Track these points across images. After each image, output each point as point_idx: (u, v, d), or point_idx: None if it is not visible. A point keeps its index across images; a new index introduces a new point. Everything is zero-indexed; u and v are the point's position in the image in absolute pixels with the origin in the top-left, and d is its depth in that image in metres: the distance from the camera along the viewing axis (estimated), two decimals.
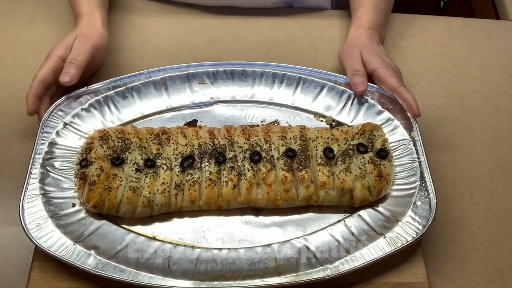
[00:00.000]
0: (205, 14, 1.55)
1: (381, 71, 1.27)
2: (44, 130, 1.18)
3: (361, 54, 1.31)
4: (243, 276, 1.04)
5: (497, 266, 1.14)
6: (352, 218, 1.13)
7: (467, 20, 1.62)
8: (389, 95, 1.27)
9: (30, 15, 1.52)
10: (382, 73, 1.27)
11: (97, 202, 1.08)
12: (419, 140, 1.20)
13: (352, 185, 1.12)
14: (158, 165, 1.13)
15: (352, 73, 1.28)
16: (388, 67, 1.28)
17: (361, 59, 1.30)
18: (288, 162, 1.14)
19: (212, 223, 1.13)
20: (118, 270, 1.03)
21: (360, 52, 1.31)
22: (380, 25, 1.41)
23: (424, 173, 1.15)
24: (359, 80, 1.27)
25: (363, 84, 1.26)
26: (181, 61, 1.34)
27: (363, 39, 1.35)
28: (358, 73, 1.28)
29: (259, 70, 1.32)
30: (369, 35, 1.36)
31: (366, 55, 1.31)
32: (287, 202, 1.12)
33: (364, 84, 1.26)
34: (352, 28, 1.40)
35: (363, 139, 1.17)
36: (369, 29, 1.38)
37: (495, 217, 1.21)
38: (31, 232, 1.05)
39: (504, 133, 1.35)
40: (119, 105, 1.26)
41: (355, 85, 1.27)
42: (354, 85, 1.27)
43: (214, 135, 1.17)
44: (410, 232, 1.08)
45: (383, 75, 1.27)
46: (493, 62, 1.49)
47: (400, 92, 1.24)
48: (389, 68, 1.28)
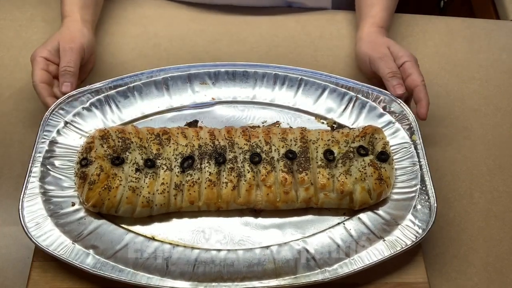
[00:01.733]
0: (205, 14, 1.55)
1: (409, 64, 1.27)
2: (45, 128, 1.18)
3: (389, 49, 1.31)
4: (241, 278, 1.04)
5: (497, 266, 1.14)
6: (351, 221, 1.13)
7: (467, 20, 1.62)
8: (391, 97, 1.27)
9: (30, 15, 1.52)
10: (410, 66, 1.27)
11: (96, 202, 1.08)
12: (420, 144, 1.19)
13: (352, 188, 1.12)
14: (158, 165, 1.13)
15: (390, 76, 1.27)
16: (417, 63, 1.29)
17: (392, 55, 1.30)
18: (288, 164, 1.13)
19: (211, 224, 1.12)
20: (117, 270, 1.03)
21: (388, 48, 1.31)
22: (389, 26, 1.42)
23: (425, 177, 1.15)
24: (398, 82, 1.26)
25: (402, 87, 1.26)
26: (181, 61, 1.34)
27: (382, 35, 1.36)
28: (396, 75, 1.27)
29: (261, 71, 1.32)
30: (384, 33, 1.37)
31: (395, 49, 1.31)
32: (286, 204, 1.12)
33: (403, 86, 1.26)
34: (366, 25, 1.39)
35: (363, 142, 1.17)
36: (382, 28, 1.38)
37: (495, 217, 1.21)
38: (30, 231, 1.05)
39: (504, 133, 1.35)
40: (120, 104, 1.26)
41: (395, 88, 1.26)
42: (394, 88, 1.26)
43: (215, 136, 1.17)
44: (409, 236, 1.08)
45: (411, 68, 1.26)
46: (493, 62, 1.50)
47: (420, 90, 1.24)
48: (416, 63, 1.28)
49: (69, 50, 1.25)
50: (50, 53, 1.25)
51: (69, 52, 1.25)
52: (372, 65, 1.31)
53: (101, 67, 1.40)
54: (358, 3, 1.47)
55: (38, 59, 1.24)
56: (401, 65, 1.28)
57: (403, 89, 1.26)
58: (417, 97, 1.24)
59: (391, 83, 1.26)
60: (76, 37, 1.29)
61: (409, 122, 1.23)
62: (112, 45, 1.46)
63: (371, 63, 1.32)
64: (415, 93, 1.25)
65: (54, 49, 1.26)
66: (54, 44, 1.26)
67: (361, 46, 1.36)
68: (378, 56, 1.30)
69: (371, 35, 1.37)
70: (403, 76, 1.28)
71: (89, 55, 1.32)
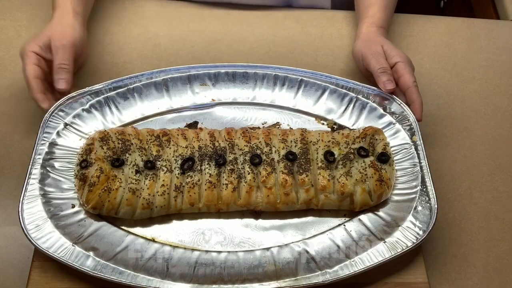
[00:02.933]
0: (205, 14, 1.54)
1: (401, 65, 1.27)
2: (45, 130, 1.18)
3: (382, 48, 1.31)
4: (241, 280, 1.04)
5: (497, 266, 1.15)
6: (352, 223, 1.13)
7: (467, 20, 1.62)
8: (388, 97, 1.27)
9: (30, 15, 1.51)
10: (402, 67, 1.27)
11: (96, 203, 1.08)
12: (421, 145, 1.19)
13: (352, 189, 1.12)
14: (158, 167, 1.13)
15: (380, 71, 1.27)
16: (409, 63, 1.29)
17: (384, 54, 1.30)
18: (288, 165, 1.13)
19: (211, 226, 1.12)
20: (117, 272, 1.03)
21: (382, 46, 1.32)
22: (388, 25, 1.42)
23: (425, 178, 1.15)
24: (388, 78, 1.27)
25: (391, 83, 1.26)
26: (181, 61, 1.34)
27: (380, 35, 1.36)
28: (386, 71, 1.27)
29: (261, 72, 1.32)
30: (383, 33, 1.37)
31: (388, 49, 1.31)
32: (287, 205, 1.12)
33: (392, 82, 1.26)
34: (364, 25, 1.39)
35: (364, 143, 1.17)
36: (381, 27, 1.38)
37: (495, 217, 1.21)
38: (31, 233, 1.05)
39: (504, 133, 1.35)
40: (120, 106, 1.26)
41: (384, 83, 1.26)
42: (384, 84, 1.26)
43: (215, 137, 1.17)
44: (410, 237, 1.08)
45: (402, 69, 1.27)
46: (493, 62, 1.50)
47: (412, 92, 1.24)
48: (409, 65, 1.29)
49: (61, 47, 1.23)
50: (41, 49, 1.23)
51: (61, 49, 1.23)
52: (364, 61, 1.32)
53: (101, 67, 1.40)
54: (357, 3, 1.47)
55: (30, 53, 1.22)
56: (393, 65, 1.29)
57: (393, 85, 1.26)
58: (410, 99, 1.25)
59: (381, 79, 1.27)
60: (68, 33, 1.27)
61: (409, 123, 1.23)
62: (112, 45, 1.46)
63: (363, 60, 1.32)
64: (407, 95, 1.26)
65: (45, 45, 1.24)
66: (45, 39, 1.24)
67: (357, 44, 1.36)
68: (370, 53, 1.31)
69: (368, 34, 1.37)
70: (394, 76, 1.28)
71: (81, 50, 1.30)
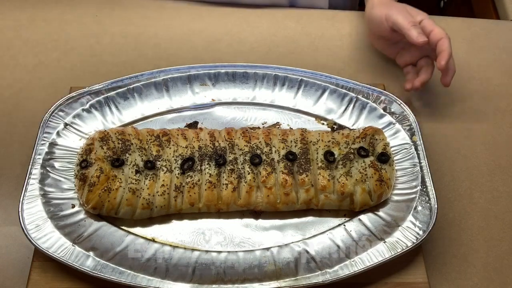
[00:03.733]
0: (205, 14, 1.54)
1: (428, 21, 1.27)
2: (45, 130, 1.18)
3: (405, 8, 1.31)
4: (241, 280, 1.04)
5: (497, 266, 1.15)
6: (352, 222, 1.13)
7: (467, 20, 1.62)
8: (390, 98, 1.27)
9: (30, 15, 1.51)
10: (430, 23, 1.26)
11: (96, 204, 1.08)
12: (421, 145, 1.20)
13: (352, 189, 1.12)
14: (158, 167, 1.13)
15: (410, 25, 1.25)
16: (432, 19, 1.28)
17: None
18: (288, 165, 1.13)
19: (211, 226, 1.12)
20: (117, 272, 1.03)
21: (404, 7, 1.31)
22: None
23: (425, 178, 1.15)
24: (419, 31, 1.25)
25: (423, 35, 1.24)
26: (181, 61, 1.34)
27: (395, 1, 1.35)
28: (416, 25, 1.26)
29: (261, 72, 1.32)
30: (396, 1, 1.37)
31: (410, 9, 1.31)
32: (287, 205, 1.12)
33: (424, 35, 1.24)
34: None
35: (364, 143, 1.17)
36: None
37: (495, 217, 1.21)
38: (31, 233, 1.05)
39: (504, 133, 1.35)
40: (120, 106, 1.26)
41: (417, 36, 1.24)
42: (416, 37, 1.24)
43: (215, 137, 1.17)
44: (410, 237, 1.08)
45: (431, 24, 1.26)
46: (493, 62, 1.49)
47: (444, 42, 1.23)
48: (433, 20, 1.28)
49: None
50: None
51: None
52: (389, 20, 1.30)
53: (101, 67, 1.40)
54: None
55: None
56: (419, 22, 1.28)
57: (425, 37, 1.24)
58: (439, 49, 1.24)
59: (412, 33, 1.25)
60: None
61: (409, 123, 1.23)
62: (112, 45, 1.46)
63: (388, 19, 1.30)
64: (438, 45, 1.24)
65: None
66: None
67: (374, 10, 1.35)
68: (395, 11, 1.29)
69: (384, 1, 1.35)
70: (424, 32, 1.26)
71: None
